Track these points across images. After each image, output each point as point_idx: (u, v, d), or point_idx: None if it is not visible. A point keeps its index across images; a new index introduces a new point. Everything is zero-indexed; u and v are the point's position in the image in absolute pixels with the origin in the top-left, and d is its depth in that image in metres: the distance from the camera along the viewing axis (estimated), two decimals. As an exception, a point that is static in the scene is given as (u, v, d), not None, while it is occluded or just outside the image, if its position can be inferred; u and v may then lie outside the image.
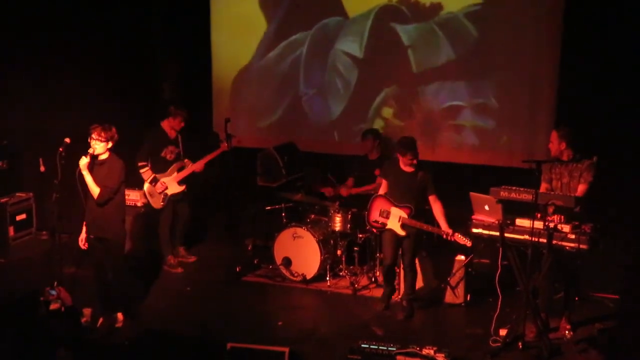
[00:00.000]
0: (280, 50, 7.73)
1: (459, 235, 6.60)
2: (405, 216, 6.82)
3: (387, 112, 7.57)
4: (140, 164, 7.90)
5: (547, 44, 7.84)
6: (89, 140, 6.39)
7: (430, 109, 7.49)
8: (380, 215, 6.96)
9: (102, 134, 6.36)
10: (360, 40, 7.78)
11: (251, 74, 8.40)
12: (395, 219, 6.87)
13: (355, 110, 7.70)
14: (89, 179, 6.36)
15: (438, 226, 6.83)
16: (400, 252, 7.00)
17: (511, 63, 7.94)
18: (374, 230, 7.22)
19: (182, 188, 8.02)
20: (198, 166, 8.00)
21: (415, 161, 6.81)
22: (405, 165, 6.86)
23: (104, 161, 6.45)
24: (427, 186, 6.85)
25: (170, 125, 7.97)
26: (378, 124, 7.70)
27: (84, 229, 6.63)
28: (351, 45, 7.46)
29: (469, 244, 6.56)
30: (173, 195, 8.00)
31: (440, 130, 7.74)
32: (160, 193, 7.94)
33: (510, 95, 7.99)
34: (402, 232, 6.85)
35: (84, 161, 6.34)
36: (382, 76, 7.59)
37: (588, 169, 6.24)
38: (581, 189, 6.22)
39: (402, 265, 7.10)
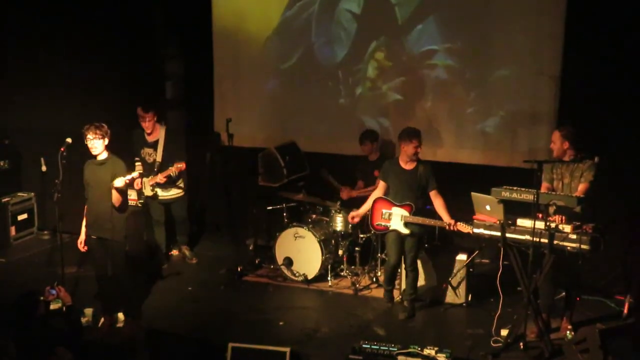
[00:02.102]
0: (296, 9, 9.37)
1: (461, 224, 6.60)
2: (408, 214, 6.81)
3: (379, 55, 9.10)
4: (135, 159, 8.03)
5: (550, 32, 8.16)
6: (85, 143, 6.35)
7: (412, 52, 8.86)
8: (382, 217, 6.95)
9: (97, 132, 6.32)
10: None
11: (274, 36, 9.65)
12: (397, 219, 6.86)
13: (355, 55, 9.21)
14: (115, 195, 6.30)
15: (440, 220, 6.83)
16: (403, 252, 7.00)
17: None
18: (366, 227, 7.21)
19: (151, 193, 7.93)
20: (159, 178, 7.78)
21: (420, 149, 6.81)
22: (407, 160, 6.84)
23: (104, 161, 6.43)
24: (429, 181, 6.85)
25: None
26: (372, 65, 9.12)
27: (84, 230, 6.62)
28: (352, 4, 9.09)
29: (472, 231, 6.54)
30: (149, 197, 7.95)
31: (417, 69, 8.90)
32: (137, 190, 7.84)
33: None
34: (405, 231, 6.84)
35: (120, 183, 6.24)
36: (375, 28, 9.08)
37: (589, 168, 6.23)
38: (582, 188, 6.21)
39: (403, 265, 7.10)
